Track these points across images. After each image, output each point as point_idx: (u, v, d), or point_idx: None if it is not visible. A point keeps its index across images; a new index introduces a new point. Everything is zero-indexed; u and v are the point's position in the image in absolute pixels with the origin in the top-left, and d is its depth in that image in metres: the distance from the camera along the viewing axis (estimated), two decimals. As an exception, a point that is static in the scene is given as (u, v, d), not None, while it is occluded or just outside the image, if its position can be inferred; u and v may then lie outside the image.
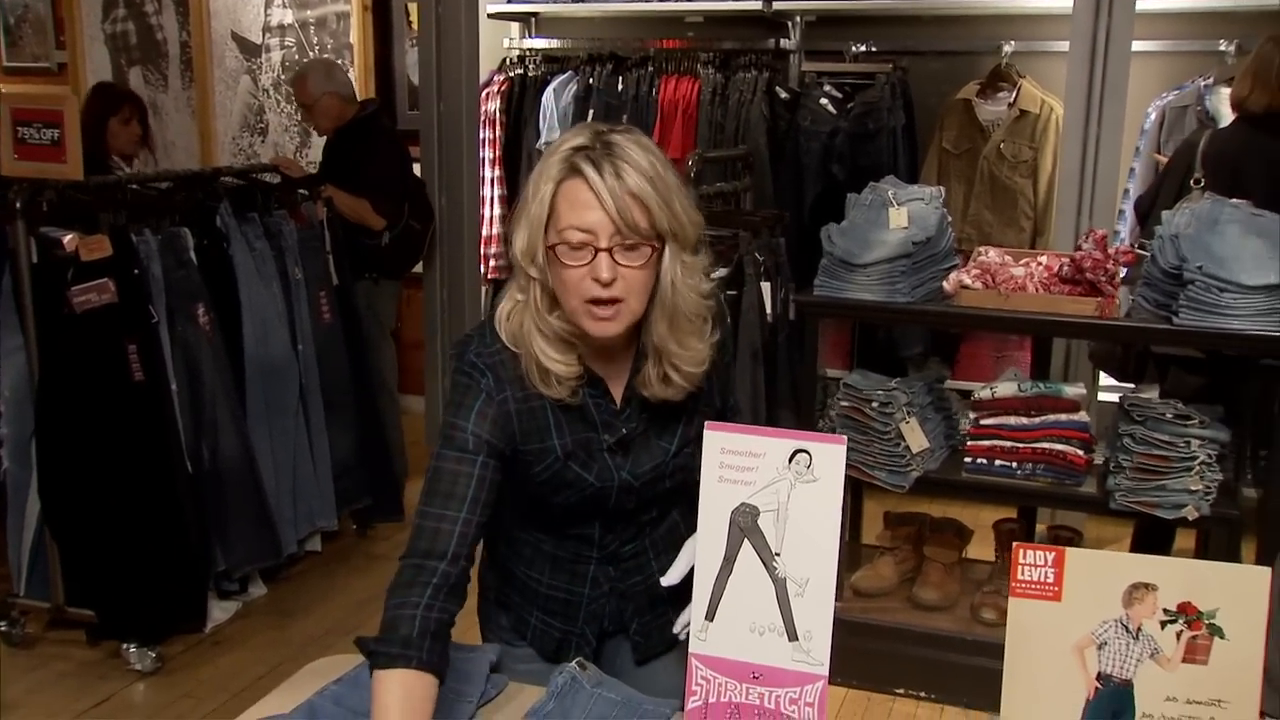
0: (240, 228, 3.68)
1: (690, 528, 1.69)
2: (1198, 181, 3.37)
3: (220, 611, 3.63)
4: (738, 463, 1.48)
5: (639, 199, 1.43)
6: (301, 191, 4.01)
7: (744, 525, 1.49)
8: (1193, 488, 2.87)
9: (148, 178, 3.73)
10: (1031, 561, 1.39)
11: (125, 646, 3.34)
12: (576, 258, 1.44)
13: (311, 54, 5.64)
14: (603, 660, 1.77)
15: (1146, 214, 3.62)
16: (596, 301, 1.46)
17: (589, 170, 1.43)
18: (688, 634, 1.53)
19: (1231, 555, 2.88)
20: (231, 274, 3.63)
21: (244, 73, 5.79)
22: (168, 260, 3.42)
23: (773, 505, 1.47)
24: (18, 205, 3.21)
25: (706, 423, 1.50)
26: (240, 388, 3.64)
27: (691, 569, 1.60)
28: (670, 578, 1.62)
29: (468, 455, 1.52)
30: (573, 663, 1.64)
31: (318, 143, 5.05)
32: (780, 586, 1.48)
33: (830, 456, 1.46)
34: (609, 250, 1.44)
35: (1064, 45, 3.97)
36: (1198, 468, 2.87)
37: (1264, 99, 3.33)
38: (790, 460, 1.46)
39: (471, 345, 1.58)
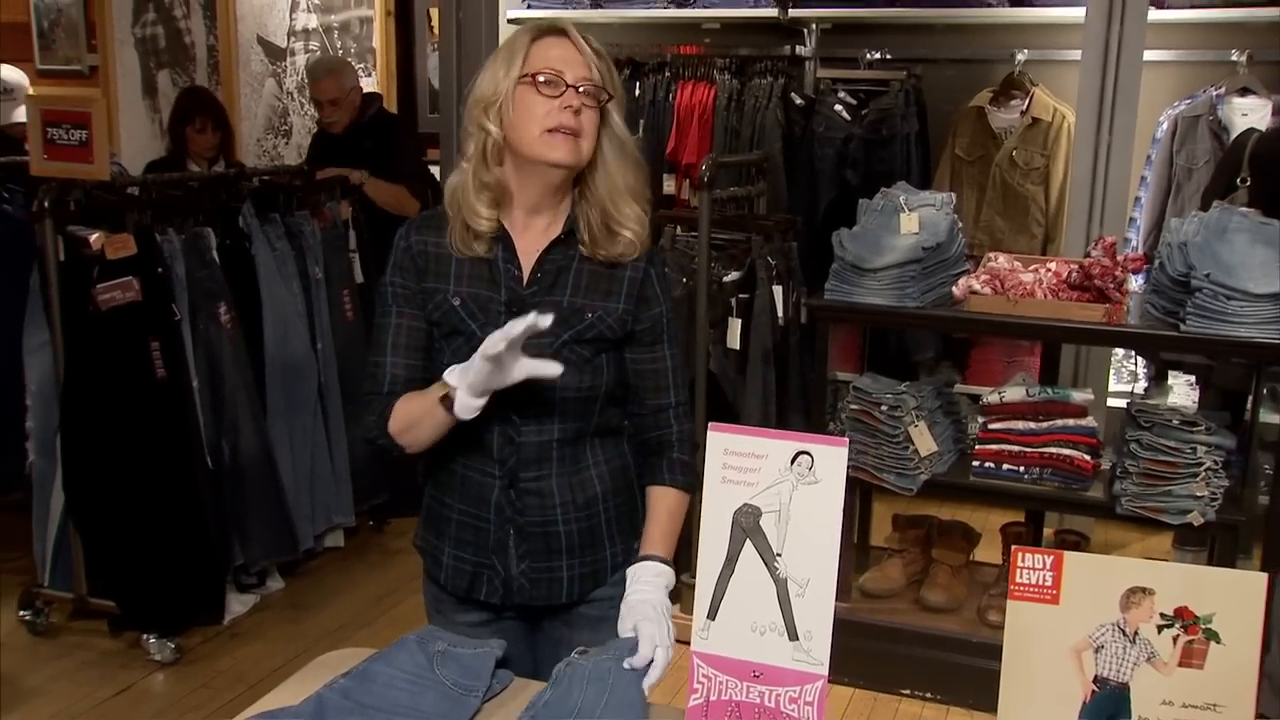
0: (262, 228, 3.75)
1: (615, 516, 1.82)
2: (1244, 180, 3.42)
3: (238, 604, 3.69)
4: (741, 464, 1.51)
5: (601, 59, 1.70)
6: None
7: (746, 526, 1.52)
8: (1198, 493, 2.90)
9: (171, 179, 3.80)
10: (1030, 564, 1.40)
11: (145, 637, 3.41)
12: (547, 90, 1.65)
13: (335, 58, 5.70)
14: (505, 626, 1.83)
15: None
16: (556, 131, 1.65)
17: (566, 27, 1.69)
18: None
19: (1233, 561, 2.91)
20: (253, 273, 3.69)
21: (269, 76, 5.86)
22: (191, 260, 3.48)
23: (775, 506, 1.50)
24: (46, 204, 3.28)
25: (710, 424, 1.53)
26: (260, 385, 3.70)
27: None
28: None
29: (387, 306, 1.79)
30: (573, 653, 1.67)
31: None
32: (781, 586, 1.51)
33: (832, 458, 1.49)
34: (575, 87, 1.66)
35: (1076, 54, 4.00)
36: (1204, 474, 2.90)
37: None
38: (793, 462, 1.50)
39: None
